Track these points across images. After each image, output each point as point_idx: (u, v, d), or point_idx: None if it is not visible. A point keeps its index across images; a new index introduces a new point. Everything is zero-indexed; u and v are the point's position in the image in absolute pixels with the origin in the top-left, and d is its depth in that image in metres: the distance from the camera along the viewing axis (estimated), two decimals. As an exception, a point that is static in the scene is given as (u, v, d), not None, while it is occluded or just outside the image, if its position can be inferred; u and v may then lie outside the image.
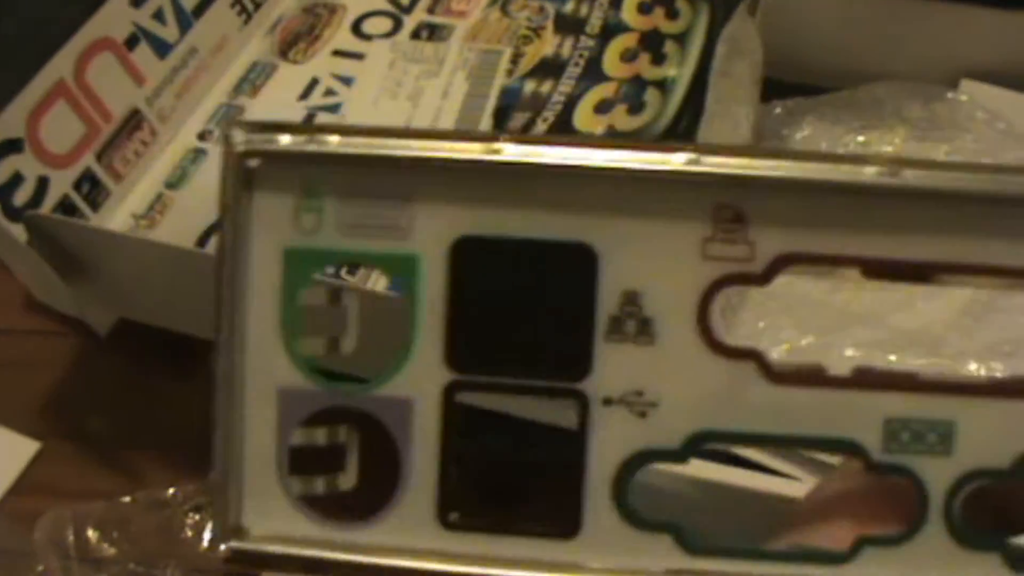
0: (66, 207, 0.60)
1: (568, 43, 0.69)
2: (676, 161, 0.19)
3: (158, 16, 0.65)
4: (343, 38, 0.71)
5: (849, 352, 0.56)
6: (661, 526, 0.19)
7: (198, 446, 0.22)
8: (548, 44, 0.69)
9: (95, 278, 0.58)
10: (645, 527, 0.19)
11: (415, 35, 0.71)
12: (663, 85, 0.65)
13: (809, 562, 0.19)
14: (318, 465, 0.20)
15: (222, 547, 0.21)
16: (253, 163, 0.20)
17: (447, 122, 0.65)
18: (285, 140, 0.20)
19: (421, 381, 0.19)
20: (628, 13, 0.70)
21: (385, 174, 0.19)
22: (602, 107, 0.65)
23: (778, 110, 0.69)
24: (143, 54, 0.65)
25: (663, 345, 0.19)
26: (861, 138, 0.67)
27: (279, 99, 0.68)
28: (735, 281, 0.19)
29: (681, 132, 0.63)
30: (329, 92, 0.68)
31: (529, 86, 0.67)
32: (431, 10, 0.72)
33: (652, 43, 0.68)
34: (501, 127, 0.65)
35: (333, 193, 0.20)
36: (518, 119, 0.65)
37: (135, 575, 0.54)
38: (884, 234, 0.19)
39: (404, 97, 0.67)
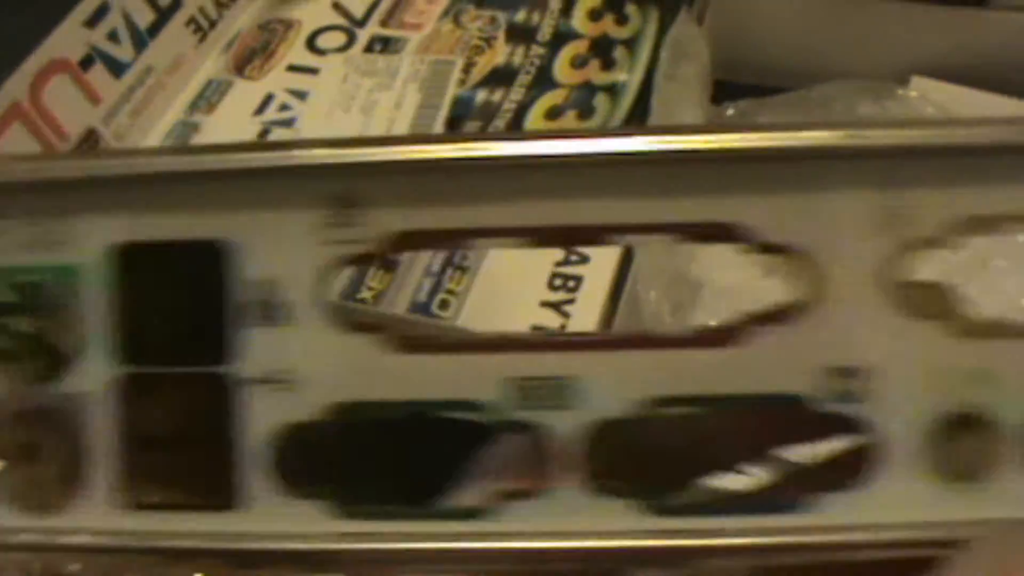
0: (23, 227, 0.61)
1: (520, 52, 0.70)
2: (290, 156, 0.21)
3: (113, 36, 0.66)
4: (297, 53, 0.72)
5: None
6: (317, 492, 0.20)
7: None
8: (500, 53, 0.70)
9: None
10: (301, 494, 0.20)
11: (368, 48, 0.72)
12: (613, 90, 0.66)
13: (454, 519, 0.20)
14: (18, 461, 0.22)
15: None
16: None
17: (400, 133, 0.66)
18: None
19: (94, 377, 0.21)
20: (579, 20, 0.71)
21: (47, 194, 0.21)
22: (552, 113, 0.65)
23: (730, 112, 0.70)
24: (98, 74, 0.65)
25: (297, 326, 0.20)
26: (811, 137, 0.68)
27: (234, 115, 0.69)
28: (354, 261, 0.20)
29: (630, 136, 0.63)
30: (284, 107, 0.69)
31: (481, 95, 0.67)
32: (384, 23, 0.73)
33: (602, 49, 0.69)
34: (453, 136, 0.65)
35: (10, 216, 0.22)
36: (470, 128, 0.65)
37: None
38: (512, 204, 0.20)
39: (357, 110, 0.68)
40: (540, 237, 0.21)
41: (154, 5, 0.69)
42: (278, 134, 0.67)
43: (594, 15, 0.71)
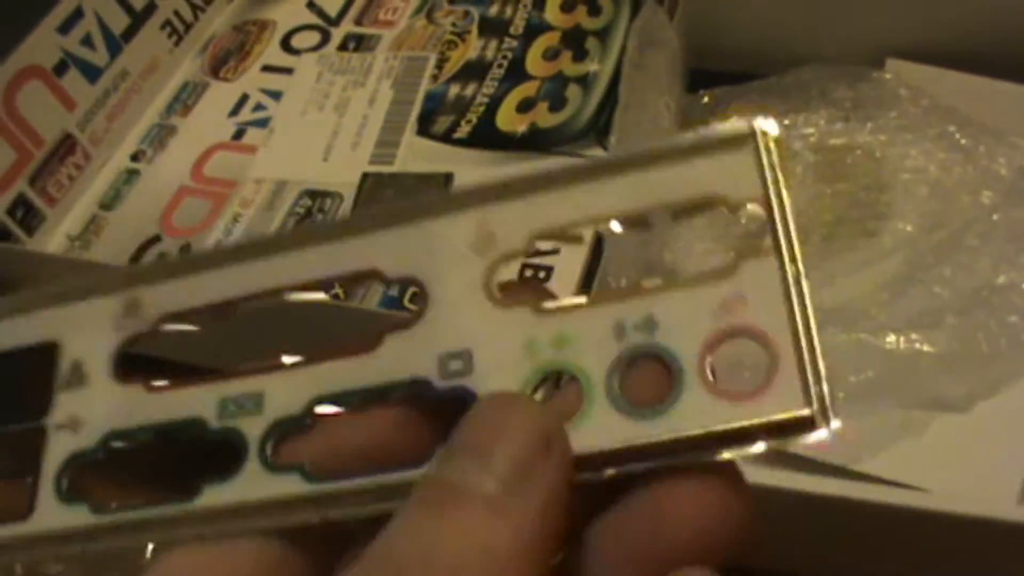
0: (0, 233, 0.61)
1: (492, 45, 0.70)
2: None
3: (86, 41, 0.67)
4: (272, 54, 0.73)
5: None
6: (82, 500, 0.26)
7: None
8: (472, 47, 0.70)
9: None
10: (71, 502, 0.26)
11: (342, 47, 0.72)
12: (584, 81, 0.66)
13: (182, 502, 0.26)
14: None
15: None
16: None
17: (373, 129, 0.66)
18: None
19: None
20: (551, 12, 0.71)
21: None
22: (524, 106, 0.66)
23: (705, 99, 0.70)
24: (73, 79, 0.66)
25: (90, 386, 0.27)
26: (786, 122, 0.68)
27: (210, 117, 0.69)
28: (134, 339, 0.27)
29: (602, 126, 0.64)
30: (258, 107, 0.69)
31: (453, 90, 0.68)
32: (358, 22, 0.74)
33: (574, 40, 0.69)
34: (426, 131, 0.66)
35: None
36: (442, 123, 0.66)
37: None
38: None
39: (331, 108, 0.68)
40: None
41: (128, 9, 0.69)
42: (253, 134, 0.67)
43: (566, 6, 0.71)
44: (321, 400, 0.26)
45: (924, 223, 0.63)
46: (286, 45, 0.73)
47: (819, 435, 0.22)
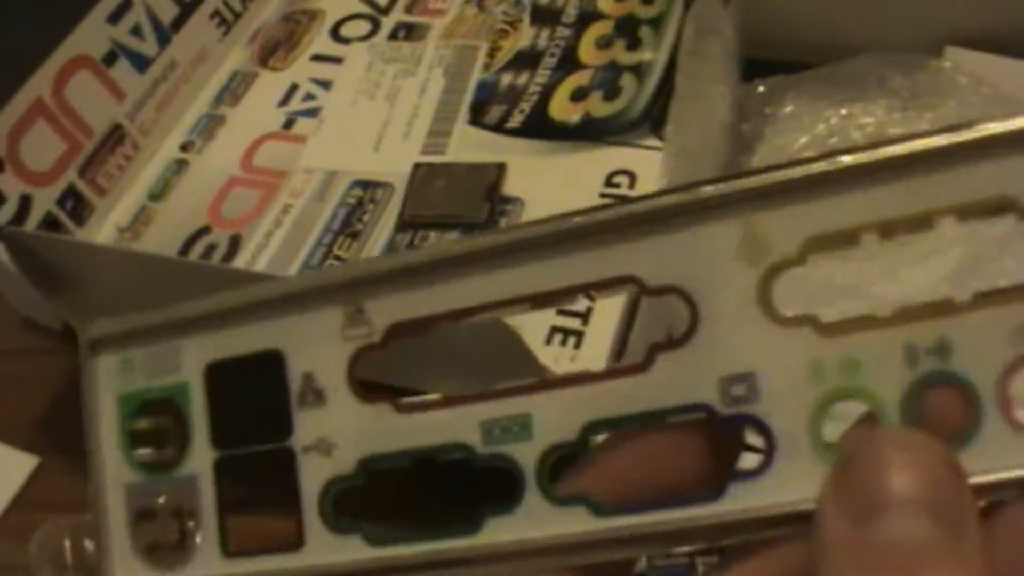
0: (50, 224, 0.61)
1: (544, 34, 0.69)
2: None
3: (136, 31, 0.66)
4: (322, 43, 0.72)
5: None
6: (355, 528, 0.26)
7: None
8: (524, 36, 0.69)
9: (79, 292, 0.58)
10: (343, 532, 0.26)
11: (392, 36, 0.71)
12: (638, 70, 0.65)
13: (450, 538, 0.25)
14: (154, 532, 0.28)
15: None
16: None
17: (424, 119, 0.65)
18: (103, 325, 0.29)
19: (199, 461, 0.27)
20: (604, 0, 0.70)
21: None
22: (577, 95, 0.65)
23: (760, 89, 0.69)
24: (122, 69, 0.65)
25: (330, 405, 0.26)
26: (844, 111, 0.67)
27: (259, 106, 0.69)
28: (364, 352, 0.26)
29: (656, 115, 0.63)
30: (308, 97, 0.69)
31: (506, 79, 0.67)
32: (409, 10, 0.73)
33: (627, 29, 0.68)
34: (478, 121, 0.65)
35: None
36: (495, 112, 0.65)
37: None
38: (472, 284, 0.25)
39: (382, 97, 0.67)
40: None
41: (177, -1, 0.69)
42: (302, 124, 0.67)
43: (619, -5, 0.70)
44: (595, 424, 0.24)
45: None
46: (335, 34, 0.72)
47: None
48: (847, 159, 0.22)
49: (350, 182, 0.63)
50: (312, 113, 0.67)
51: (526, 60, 0.68)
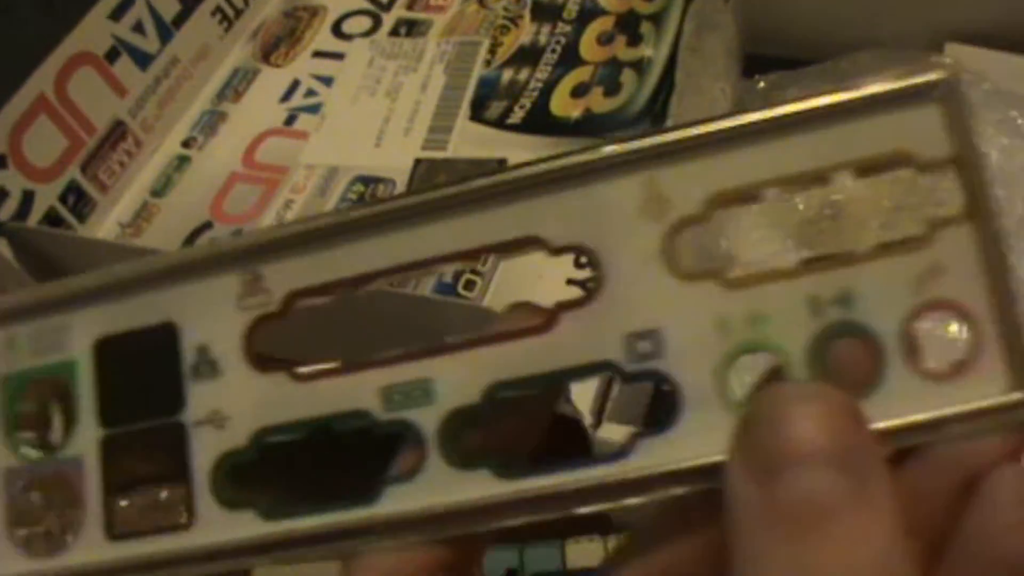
0: (53, 219, 0.61)
1: (545, 30, 0.69)
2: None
3: (138, 28, 0.66)
4: (323, 39, 0.72)
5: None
6: (249, 503, 0.25)
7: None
8: (525, 32, 0.69)
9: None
10: (236, 507, 0.25)
11: (394, 32, 0.72)
12: (639, 66, 0.65)
13: (351, 507, 0.25)
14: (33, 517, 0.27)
15: None
16: None
17: (426, 115, 0.65)
18: None
19: (84, 442, 0.26)
20: (604, -3, 0.70)
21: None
22: (578, 91, 0.65)
23: (761, 84, 0.69)
24: (124, 66, 0.65)
25: (225, 376, 0.25)
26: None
27: (260, 103, 0.69)
28: (262, 321, 0.25)
29: (657, 111, 0.63)
30: (309, 93, 0.69)
31: (507, 75, 0.67)
32: (410, 6, 0.73)
33: (628, 25, 0.68)
34: (479, 117, 0.65)
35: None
36: (496, 108, 0.65)
37: None
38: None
39: (383, 93, 0.67)
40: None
41: (179, -4, 0.69)
42: (304, 120, 0.67)
43: (620, -9, 0.70)
44: (498, 386, 0.24)
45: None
46: (337, 30, 0.73)
47: None
48: (746, 117, 0.23)
49: (352, 178, 0.63)
50: (314, 109, 0.68)
51: (527, 56, 0.68)
